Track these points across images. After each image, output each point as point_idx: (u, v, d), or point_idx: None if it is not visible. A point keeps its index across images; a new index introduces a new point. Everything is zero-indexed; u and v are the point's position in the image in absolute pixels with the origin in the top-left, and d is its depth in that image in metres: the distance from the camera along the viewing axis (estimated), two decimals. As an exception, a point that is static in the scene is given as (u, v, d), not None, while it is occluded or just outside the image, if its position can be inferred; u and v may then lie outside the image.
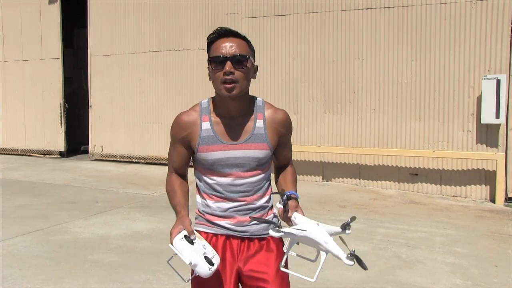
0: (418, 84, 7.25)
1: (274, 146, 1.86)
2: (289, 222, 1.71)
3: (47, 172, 9.01)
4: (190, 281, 1.57)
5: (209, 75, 1.82)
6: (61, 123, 10.95)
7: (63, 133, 10.96)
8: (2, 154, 11.50)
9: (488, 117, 6.67)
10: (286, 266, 1.75)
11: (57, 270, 4.00)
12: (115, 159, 10.28)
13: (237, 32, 1.79)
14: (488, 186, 6.88)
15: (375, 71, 7.51)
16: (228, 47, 1.74)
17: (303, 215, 1.71)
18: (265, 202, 1.87)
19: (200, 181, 1.88)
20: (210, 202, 1.84)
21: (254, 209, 1.84)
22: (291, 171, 1.97)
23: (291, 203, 1.75)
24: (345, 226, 1.63)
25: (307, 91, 8.02)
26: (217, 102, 1.84)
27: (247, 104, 1.85)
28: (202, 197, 1.87)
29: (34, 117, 11.30)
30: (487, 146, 6.87)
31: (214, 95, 1.86)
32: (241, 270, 1.83)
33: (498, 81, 6.59)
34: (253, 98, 1.88)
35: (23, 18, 11.26)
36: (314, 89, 7.98)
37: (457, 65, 7.00)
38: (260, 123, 1.83)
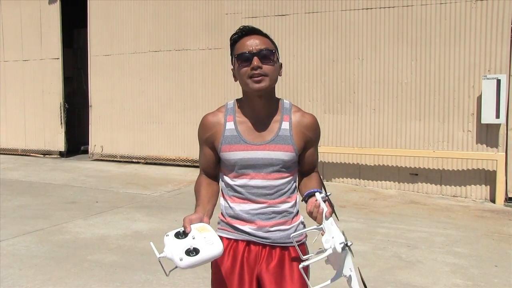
0: (418, 84, 7.25)
1: (300, 149, 1.80)
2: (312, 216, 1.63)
3: (47, 172, 9.01)
4: (170, 273, 1.55)
5: (234, 76, 1.80)
6: (61, 123, 10.95)
7: (63, 133, 10.96)
8: (2, 154, 11.49)
9: (488, 117, 6.67)
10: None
11: (57, 270, 4.00)
12: (115, 159, 10.28)
13: (259, 30, 1.78)
14: (488, 186, 6.88)
15: (375, 71, 7.51)
16: (253, 43, 1.72)
17: (330, 214, 1.61)
18: (290, 207, 1.81)
19: (224, 183, 1.85)
20: (232, 204, 1.80)
21: (277, 213, 1.79)
22: (316, 176, 1.89)
23: (310, 200, 1.67)
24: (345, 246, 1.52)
25: (307, 91, 8.01)
26: (243, 102, 1.82)
27: (274, 104, 1.81)
28: (225, 199, 1.84)
29: (34, 117, 11.30)
30: (487, 146, 6.87)
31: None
32: (261, 277, 1.78)
33: (498, 81, 6.59)
34: (280, 100, 1.84)
35: (23, 18, 11.26)
36: (314, 89, 7.97)
37: (457, 65, 7.00)
38: (286, 125, 1.78)
